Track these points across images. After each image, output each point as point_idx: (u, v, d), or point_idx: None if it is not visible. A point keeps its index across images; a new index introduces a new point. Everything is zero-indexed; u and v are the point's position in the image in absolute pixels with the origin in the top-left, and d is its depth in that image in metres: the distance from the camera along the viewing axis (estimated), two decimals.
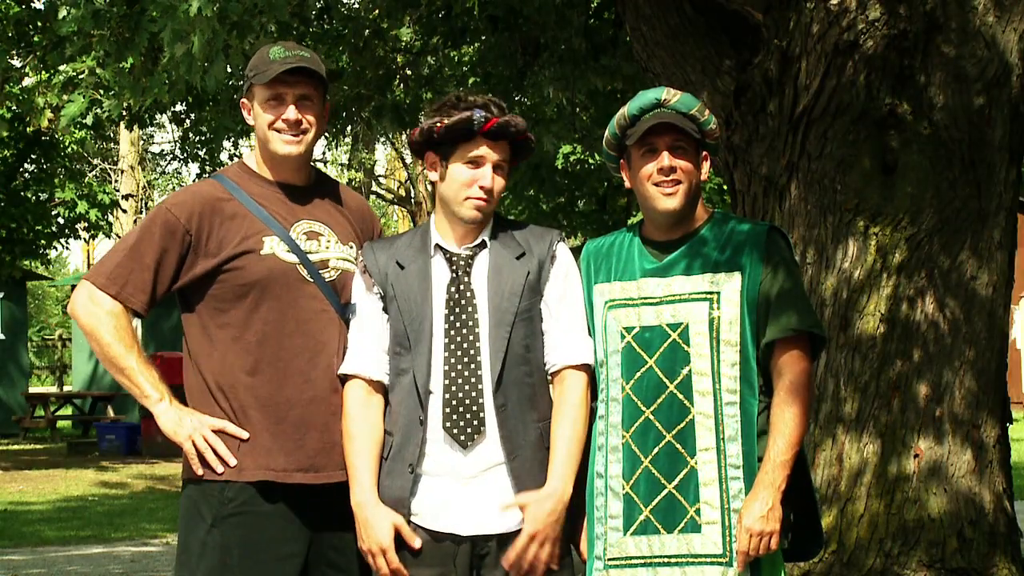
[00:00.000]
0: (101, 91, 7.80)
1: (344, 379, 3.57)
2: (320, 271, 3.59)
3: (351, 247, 3.68)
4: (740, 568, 3.33)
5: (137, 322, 3.83)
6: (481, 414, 3.44)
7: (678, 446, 3.40)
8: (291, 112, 3.58)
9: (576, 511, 3.52)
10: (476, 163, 3.50)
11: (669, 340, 3.42)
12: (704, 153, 3.56)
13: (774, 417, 3.40)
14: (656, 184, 3.48)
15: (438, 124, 3.49)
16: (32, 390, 25.98)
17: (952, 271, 5.68)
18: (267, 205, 3.59)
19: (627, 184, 3.59)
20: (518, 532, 3.45)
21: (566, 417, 3.47)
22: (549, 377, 3.54)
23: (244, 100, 3.70)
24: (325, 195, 3.73)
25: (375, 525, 3.43)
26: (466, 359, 3.46)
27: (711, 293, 3.45)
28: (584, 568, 3.58)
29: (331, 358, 3.56)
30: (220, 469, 3.47)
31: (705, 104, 3.62)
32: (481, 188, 3.49)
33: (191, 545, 3.53)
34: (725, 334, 3.42)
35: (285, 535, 3.50)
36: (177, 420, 3.51)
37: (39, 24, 8.98)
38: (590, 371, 3.53)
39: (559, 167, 18.53)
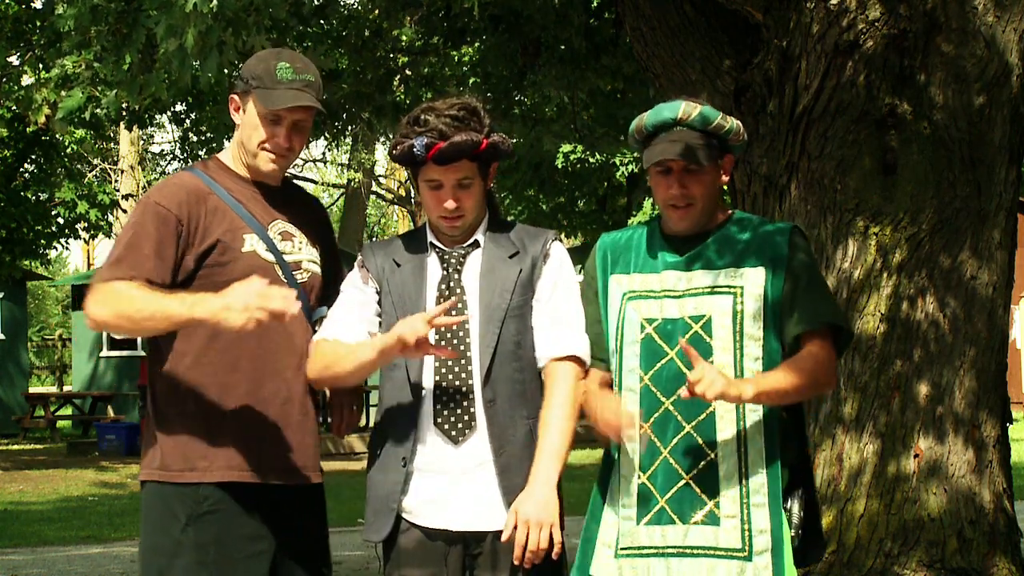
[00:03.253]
0: (99, 88, 7.79)
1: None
2: (293, 272, 3.58)
3: (317, 250, 3.67)
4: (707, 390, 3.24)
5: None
6: (472, 409, 3.45)
7: (698, 439, 3.39)
8: (284, 138, 3.57)
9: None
10: (437, 186, 3.50)
11: (691, 332, 3.41)
12: (727, 156, 3.54)
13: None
14: (669, 206, 3.48)
15: (394, 151, 3.52)
16: (32, 390, 26.01)
17: (952, 271, 5.69)
18: (245, 203, 3.57)
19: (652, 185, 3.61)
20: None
21: (553, 410, 3.46)
22: (540, 371, 3.55)
23: (235, 96, 3.64)
24: (294, 198, 3.73)
25: (405, 324, 3.36)
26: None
27: (734, 287, 3.44)
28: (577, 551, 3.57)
29: (302, 359, 3.55)
30: (293, 310, 3.29)
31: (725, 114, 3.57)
32: (446, 209, 3.49)
33: (163, 545, 3.48)
34: (748, 328, 3.41)
35: (257, 532, 3.48)
36: (223, 306, 3.27)
37: (38, 23, 8.99)
38: (580, 363, 3.52)
39: (559, 167, 18.55)
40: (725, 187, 3.73)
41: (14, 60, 9.64)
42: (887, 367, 5.65)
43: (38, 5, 9.55)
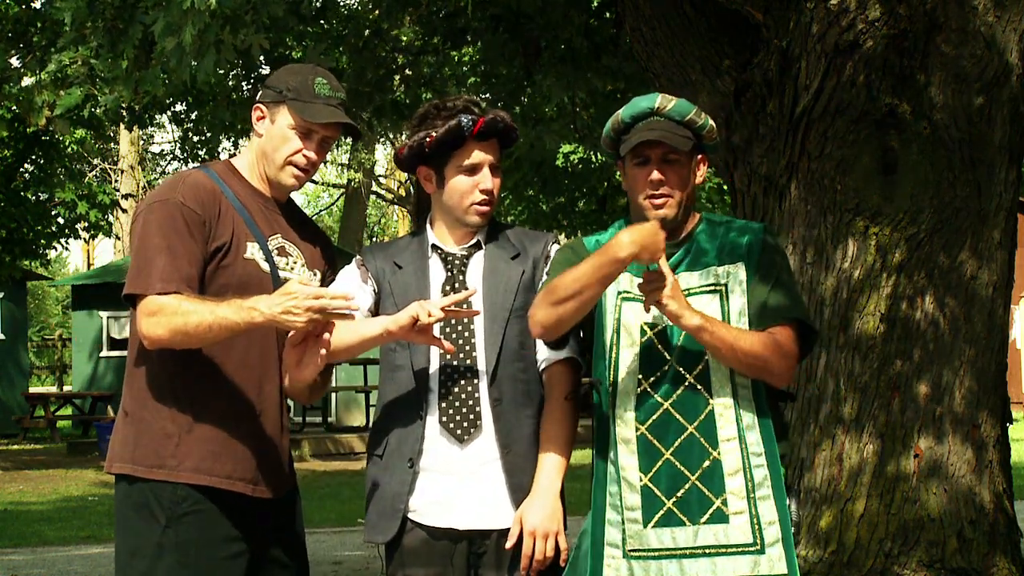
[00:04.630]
0: (97, 84, 7.79)
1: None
2: None
3: (316, 274, 3.66)
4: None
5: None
6: (477, 409, 3.46)
7: (700, 438, 3.41)
8: (314, 154, 3.57)
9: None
10: (473, 169, 3.51)
11: (684, 334, 3.43)
12: (700, 156, 3.57)
13: None
14: (647, 197, 3.49)
15: (428, 139, 3.49)
16: (32, 390, 26.01)
17: (952, 271, 5.69)
18: (251, 211, 3.56)
19: (624, 187, 3.61)
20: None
21: (554, 415, 3.50)
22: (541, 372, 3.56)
23: (262, 106, 3.60)
24: (296, 218, 3.72)
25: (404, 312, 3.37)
26: (461, 355, 3.49)
27: (719, 285, 3.49)
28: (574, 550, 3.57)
29: (279, 374, 3.56)
30: (350, 306, 3.30)
31: (700, 107, 3.61)
32: (483, 192, 3.51)
33: (143, 547, 3.46)
34: (735, 323, 3.44)
35: (235, 534, 3.49)
36: (284, 310, 3.25)
37: (38, 24, 8.98)
38: (579, 366, 3.55)
39: (559, 167, 18.53)
40: (704, 186, 3.75)
41: (14, 62, 9.63)
42: (887, 367, 5.65)
43: (38, 5, 9.55)
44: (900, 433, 5.62)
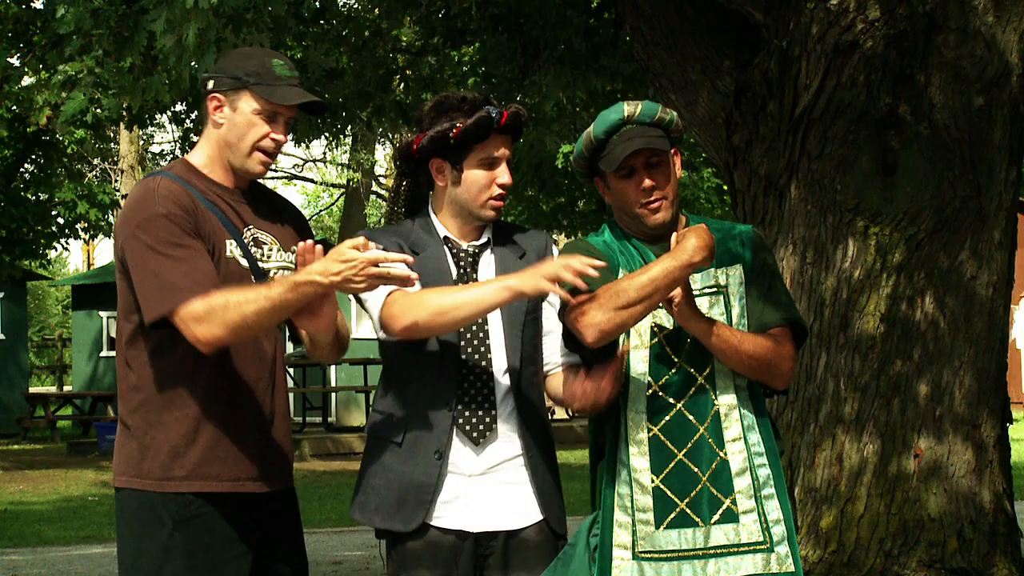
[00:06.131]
0: (100, 91, 7.80)
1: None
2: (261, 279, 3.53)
3: (293, 252, 3.58)
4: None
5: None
6: (494, 412, 3.44)
7: (710, 439, 3.43)
8: (281, 136, 3.49)
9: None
10: (492, 163, 3.46)
11: (692, 336, 3.45)
12: (674, 149, 3.57)
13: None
14: (642, 206, 3.48)
15: (454, 129, 3.41)
16: (32, 390, 26.01)
17: (952, 271, 5.69)
18: (221, 208, 3.50)
19: (607, 200, 3.59)
20: (524, 529, 3.45)
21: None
22: (547, 375, 3.54)
23: (219, 95, 3.48)
24: (264, 202, 3.64)
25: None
26: (477, 356, 3.46)
27: (721, 287, 3.51)
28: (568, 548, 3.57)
29: (271, 366, 3.54)
30: (413, 277, 3.26)
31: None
32: (500, 187, 3.47)
33: (150, 551, 3.44)
34: (736, 326, 3.47)
35: (239, 534, 3.47)
36: (343, 279, 3.19)
37: (39, 24, 8.99)
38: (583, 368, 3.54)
39: (559, 167, 18.54)
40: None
41: (15, 61, 9.64)
42: (887, 367, 5.65)
43: (38, 5, 9.55)
44: (900, 433, 5.63)
